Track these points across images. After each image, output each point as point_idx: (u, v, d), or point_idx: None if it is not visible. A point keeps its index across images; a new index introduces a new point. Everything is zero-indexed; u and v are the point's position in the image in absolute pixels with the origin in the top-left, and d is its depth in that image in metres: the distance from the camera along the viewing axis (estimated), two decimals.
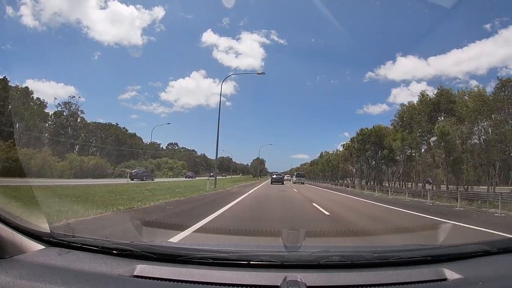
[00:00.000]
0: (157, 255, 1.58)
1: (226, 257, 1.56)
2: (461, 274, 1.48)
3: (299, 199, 15.22)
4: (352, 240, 5.43)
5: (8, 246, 1.46)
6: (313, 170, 69.46)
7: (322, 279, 1.40)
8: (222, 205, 10.14)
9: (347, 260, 1.56)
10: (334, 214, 9.45)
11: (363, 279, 1.42)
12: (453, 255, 1.75)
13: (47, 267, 1.42)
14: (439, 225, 7.56)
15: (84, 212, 6.83)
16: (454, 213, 11.28)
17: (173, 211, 8.51)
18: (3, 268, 1.33)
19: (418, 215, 10.21)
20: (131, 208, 8.49)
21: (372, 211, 11.31)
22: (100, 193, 12.52)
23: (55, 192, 11.57)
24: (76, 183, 21.02)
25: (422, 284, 1.40)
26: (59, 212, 6.47)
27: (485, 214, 11.52)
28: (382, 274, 1.47)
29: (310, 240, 3.73)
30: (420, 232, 6.27)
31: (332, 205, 12.56)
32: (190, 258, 1.53)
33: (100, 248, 1.64)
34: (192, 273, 1.42)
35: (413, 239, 5.40)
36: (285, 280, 1.34)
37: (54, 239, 1.67)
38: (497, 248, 1.84)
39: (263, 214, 9.08)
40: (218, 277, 1.39)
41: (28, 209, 4.92)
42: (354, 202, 15.65)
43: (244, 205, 11.03)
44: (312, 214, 9.48)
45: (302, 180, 43.62)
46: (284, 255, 1.63)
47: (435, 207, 14.03)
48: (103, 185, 18.16)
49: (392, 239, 5.72)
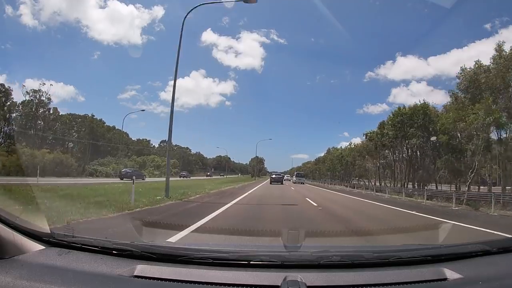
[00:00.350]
0: (157, 255, 1.58)
1: (226, 257, 1.56)
2: (461, 274, 1.48)
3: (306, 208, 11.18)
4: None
5: (8, 246, 1.47)
6: (318, 169, 66.24)
7: (322, 279, 1.40)
8: None
9: (347, 260, 1.56)
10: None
11: (363, 279, 1.42)
12: (453, 255, 1.75)
13: (47, 267, 1.42)
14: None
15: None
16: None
17: None
18: (3, 268, 1.33)
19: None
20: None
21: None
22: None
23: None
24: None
25: (422, 284, 1.40)
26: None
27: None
28: (382, 274, 1.47)
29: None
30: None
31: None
32: (190, 258, 1.54)
33: (100, 248, 1.64)
34: (192, 273, 1.42)
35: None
36: (285, 280, 1.34)
37: (54, 239, 1.67)
38: (497, 247, 1.84)
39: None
40: (218, 277, 1.39)
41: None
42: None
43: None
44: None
45: (302, 180, 44.05)
46: (284, 255, 1.64)
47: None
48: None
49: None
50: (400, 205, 14.34)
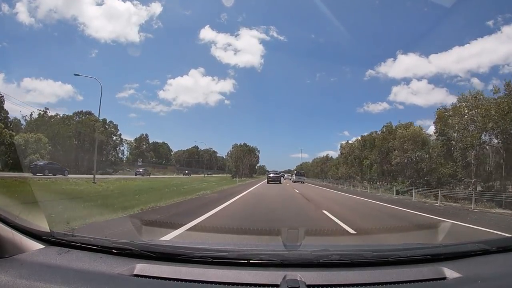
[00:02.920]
0: (157, 254, 1.58)
1: (226, 256, 1.56)
2: (460, 273, 1.48)
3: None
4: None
5: (8, 245, 1.47)
6: (323, 168, 61.57)
7: (322, 277, 1.41)
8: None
9: (346, 259, 1.56)
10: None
11: (362, 277, 1.42)
12: (453, 254, 1.76)
13: (47, 266, 1.42)
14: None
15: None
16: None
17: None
18: (3, 268, 1.33)
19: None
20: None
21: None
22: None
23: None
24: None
25: (421, 283, 1.41)
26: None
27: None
28: (382, 273, 1.47)
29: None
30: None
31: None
32: (190, 257, 1.54)
33: (100, 247, 1.64)
34: (191, 272, 1.42)
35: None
36: (284, 279, 1.34)
37: (54, 239, 1.67)
38: (496, 247, 1.84)
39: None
40: (218, 276, 1.39)
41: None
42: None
43: None
44: None
45: (302, 179, 44.29)
46: (284, 254, 1.64)
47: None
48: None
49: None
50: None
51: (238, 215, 8.07)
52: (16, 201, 6.20)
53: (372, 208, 12.10)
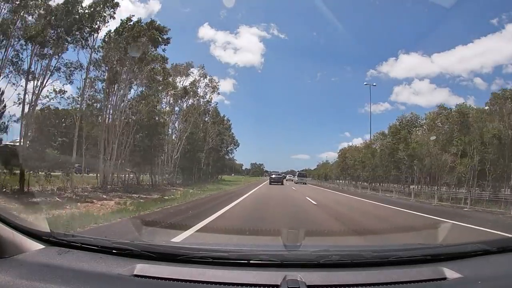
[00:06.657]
0: (157, 254, 1.58)
1: (226, 256, 1.56)
2: (460, 273, 1.48)
3: None
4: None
5: (8, 245, 1.46)
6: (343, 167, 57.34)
7: (322, 278, 1.40)
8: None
9: (346, 259, 1.56)
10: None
11: (362, 278, 1.42)
12: (453, 254, 1.76)
13: (47, 266, 1.42)
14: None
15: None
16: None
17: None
18: (3, 268, 1.33)
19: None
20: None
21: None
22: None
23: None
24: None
25: (421, 283, 1.40)
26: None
27: None
28: (382, 273, 1.47)
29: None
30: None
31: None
32: (190, 258, 1.53)
33: (100, 248, 1.64)
34: (192, 273, 1.42)
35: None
36: (284, 279, 1.34)
37: (54, 239, 1.67)
38: (496, 247, 1.84)
39: None
40: (218, 276, 1.39)
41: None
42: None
43: None
44: None
45: (305, 180, 44.39)
46: (284, 254, 1.64)
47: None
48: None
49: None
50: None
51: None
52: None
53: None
